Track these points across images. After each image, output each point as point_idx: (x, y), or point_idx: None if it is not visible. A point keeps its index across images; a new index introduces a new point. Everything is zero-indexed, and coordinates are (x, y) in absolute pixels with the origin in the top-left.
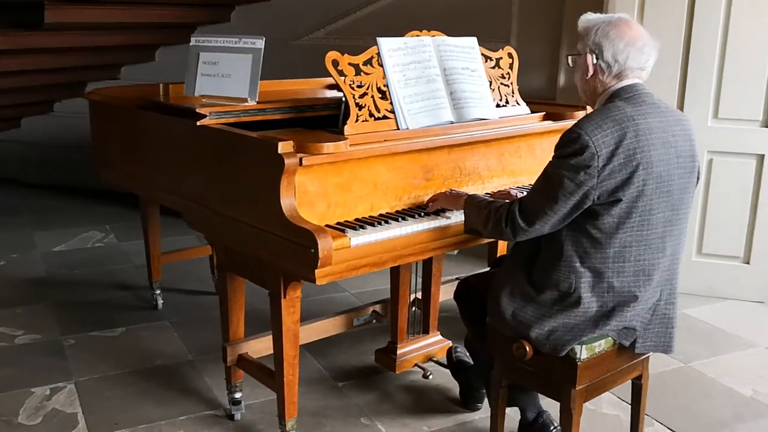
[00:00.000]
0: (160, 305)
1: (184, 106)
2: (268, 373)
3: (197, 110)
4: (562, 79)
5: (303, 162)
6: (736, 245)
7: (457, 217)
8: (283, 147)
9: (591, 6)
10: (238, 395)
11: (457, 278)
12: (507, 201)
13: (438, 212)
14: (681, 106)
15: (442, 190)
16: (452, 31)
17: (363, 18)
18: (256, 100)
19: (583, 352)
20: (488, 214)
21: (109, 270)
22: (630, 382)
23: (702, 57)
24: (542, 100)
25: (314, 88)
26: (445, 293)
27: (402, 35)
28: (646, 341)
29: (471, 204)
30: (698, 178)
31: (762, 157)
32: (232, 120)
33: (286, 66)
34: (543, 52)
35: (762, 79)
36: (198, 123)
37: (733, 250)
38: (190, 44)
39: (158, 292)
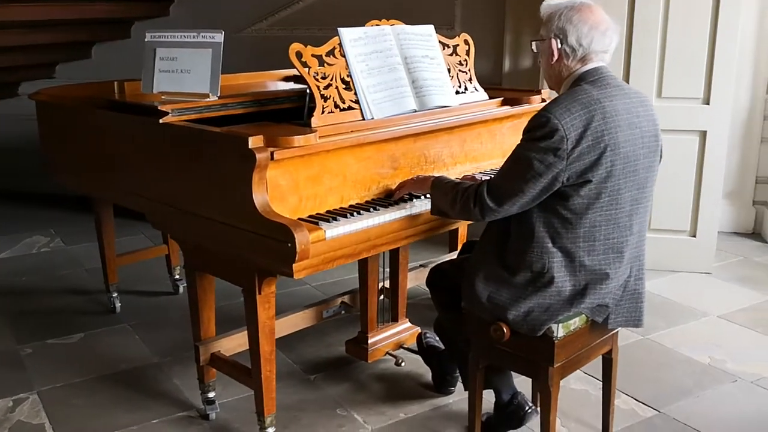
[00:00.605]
0: (118, 308)
1: (143, 104)
2: (244, 371)
3: (159, 108)
4: (507, 64)
5: (274, 156)
6: (683, 219)
7: (427, 205)
8: (254, 142)
9: None
10: (211, 394)
11: (421, 265)
12: (474, 182)
13: (407, 199)
14: None
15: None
16: (398, 19)
17: (307, 8)
18: (218, 95)
19: (559, 331)
20: (456, 194)
21: (60, 275)
22: (599, 357)
23: (644, 37)
24: (489, 85)
25: (270, 80)
26: (410, 280)
27: (347, 25)
28: (618, 317)
29: (438, 185)
30: (661, 157)
31: (704, 133)
32: (194, 116)
33: (230, 59)
34: (487, 37)
35: (702, 58)
36: (161, 121)
37: (680, 224)
38: (146, 40)
39: (115, 295)
